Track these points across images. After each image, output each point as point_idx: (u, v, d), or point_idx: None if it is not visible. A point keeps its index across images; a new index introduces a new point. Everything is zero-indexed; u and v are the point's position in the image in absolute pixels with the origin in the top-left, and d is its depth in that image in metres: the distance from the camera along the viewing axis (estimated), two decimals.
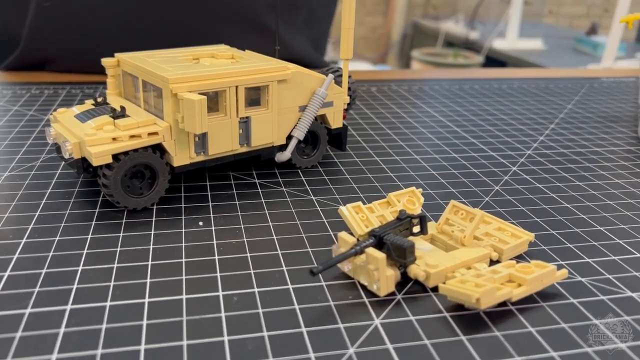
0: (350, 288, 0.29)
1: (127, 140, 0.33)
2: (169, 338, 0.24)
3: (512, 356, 0.24)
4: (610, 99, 0.67)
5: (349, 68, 0.42)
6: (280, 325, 0.26)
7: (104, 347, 0.24)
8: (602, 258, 0.32)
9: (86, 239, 0.32)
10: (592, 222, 0.37)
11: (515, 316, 0.27)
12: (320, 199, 0.38)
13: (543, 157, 0.48)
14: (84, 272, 0.29)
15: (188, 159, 0.36)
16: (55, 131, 0.36)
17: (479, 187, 0.41)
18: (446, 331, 0.26)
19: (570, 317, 0.27)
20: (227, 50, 0.42)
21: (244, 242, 0.32)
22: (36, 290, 0.27)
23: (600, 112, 0.62)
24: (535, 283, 0.28)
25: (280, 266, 0.30)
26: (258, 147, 0.39)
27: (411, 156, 0.47)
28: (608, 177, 0.44)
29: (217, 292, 0.28)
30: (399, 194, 0.35)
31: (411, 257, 0.28)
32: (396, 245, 0.28)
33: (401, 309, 0.27)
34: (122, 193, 0.34)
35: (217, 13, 0.67)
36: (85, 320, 0.25)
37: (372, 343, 0.25)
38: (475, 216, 0.31)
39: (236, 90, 0.36)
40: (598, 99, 0.67)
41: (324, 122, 0.42)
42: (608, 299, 0.28)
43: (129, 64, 0.38)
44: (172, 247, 0.31)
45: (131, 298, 0.27)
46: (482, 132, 0.54)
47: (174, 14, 0.66)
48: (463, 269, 0.29)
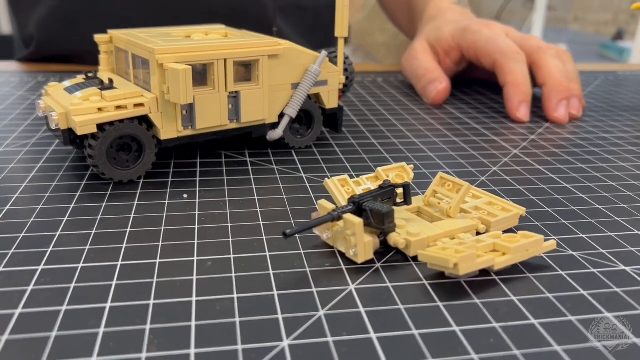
0: (329, 256, 0.28)
1: (113, 110, 0.33)
2: (136, 297, 0.24)
3: (489, 322, 0.23)
4: (624, 91, 0.65)
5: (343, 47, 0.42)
6: (252, 288, 0.25)
7: (70, 304, 0.23)
8: (598, 234, 0.31)
9: (68, 207, 0.32)
10: (591, 200, 0.35)
11: (498, 285, 0.26)
12: (310, 176, 0.37)
13: (547, 142, 0.46)
14: (61, 236, 0.29)
15: (175, 133, 0.36)
16: (44, 104, 0.36)
17: (476, 168, 0.40)
18: (423, 298, 0.25)
19: (557, 288, 0.26)
20: (222, 29, 0.42)
21: (227, 213, 0.32)
22: (11, 252, 0.27)
23: (612, 102, 0.60)
24: (520, 252, 0.27)
25: (260, 235, 0.30)
26: (248, 123, 0.38)
27: (409, 139, 0.46)
28: (612, 161, 0.42)
29: (192, 257, 0.27)
30: (388, 169, 0.34)
31: (390, 223, 0.27)
32: (375, 212, 0.27)
33: (379, 276, 0.26)
34: (108, 164, 0.34)
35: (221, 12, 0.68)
36: (55, 279, 0.25)
37: (343, 306, 0.24)
38: (462, 187, 0.30)
39: (225, 64, 0.35)
40: (612, 90, 0.65)
41: (319, 102, 0.42)
42: (599, 272, 0.27)
43: (121, 40, 0.38)
44: (153, 217, 0.31)
45: (104, 261, 0.27)
46: (486, 118, 0.53)
47: (176, 9, 0.66)
48: (446, 239, 0.28)
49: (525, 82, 0.52)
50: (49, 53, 0.69)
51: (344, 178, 0.32)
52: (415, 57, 0.61)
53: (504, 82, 0.53)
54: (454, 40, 0.59)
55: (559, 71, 0.52)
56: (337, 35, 0.40)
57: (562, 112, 0.51)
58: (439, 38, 0.60)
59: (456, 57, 0.60)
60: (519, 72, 0.52)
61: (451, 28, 0.59)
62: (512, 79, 0.52)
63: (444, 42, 0.59)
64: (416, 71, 0.60)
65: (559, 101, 0.51)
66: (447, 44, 0.59)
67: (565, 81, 0.52)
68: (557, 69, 0.52)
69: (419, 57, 0.60)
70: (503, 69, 0.53)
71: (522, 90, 0.52)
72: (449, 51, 0.60)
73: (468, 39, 0.57)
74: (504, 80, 0.53)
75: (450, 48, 0.59)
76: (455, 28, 0.59)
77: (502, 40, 0.54)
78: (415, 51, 0.61)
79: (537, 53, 0.54)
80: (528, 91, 0.52)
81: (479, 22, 0.59)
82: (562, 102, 0.51)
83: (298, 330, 0.22)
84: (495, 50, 0.54)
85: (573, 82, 0.53)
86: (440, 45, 0.60)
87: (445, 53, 0.60)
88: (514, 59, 0.53)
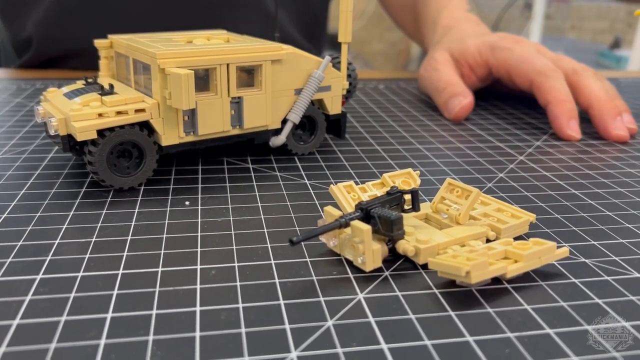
0: (336, 264, 0.27)
1: (113, 116, 0.32)
2: (138, 307, 0.23)
3: (503, 332, 0.23)
4: (626, 97, 0.65)
5: None
6: (258, 297, 0.24)
7: (69, 315, 0.23)
8: (609, 241, 0.30)
9: (68, 215, 0.31)
10: (600, 207, 0.35)
11: (511, 294, 0.25)
12: (314, 183, 0.37)
13: (552, 148, 0.46)
14: (60, 245, 0.28)
15: (177, 139, 0.35)
16: (43, 109, 0.35)
17: (482, 174, 0.39)
18: (434, 307, 0.24)
19: (571, 296, 0.25)
20: (224, 34, 0.42)
21: (230, 221, 0.31)
22: (8, 261, 0.26)
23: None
24: (532, 260, 0.26)
25: (264, 243, 0.29)
26: (251, 129, 0.38)
27: (413, 145, 0.45)
28: (620, 167, 0.42)
29: (195, 265, 0.26)
30: (394, 175, 0.33)
31: (399, 230, 0.26)
32: (383, 218, 0.26)
33: (388, 284, 0.25)
34: (108, 171, 0.33)
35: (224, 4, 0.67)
36: (54, 289, 0.24)
37: (353, 316, 0.23)
38: (471, 193, 0.30)
39: (227, 69, 0.35)
40: None
41: (322, 108, 0.41)
42: (612, 279, 0.27)
43: (121, 45, 0.37)
44: (154, 224, 0.30)
45: (105, 270, 0.26)
46: (490, 125, 0.52)
47: (173, 5, 0.66)
48: (456, 246, 0.27)
49: (569, 99, 0.50)
50: (48, 54, 0.68)
51: (349, 184, 0.32)
52: (436, 69, 0.58)
53: (546, 102, 0.50)
54: (482, 57, 0.56)
55: (602, 91, 0.51)
56: (341, 40, 0.40)
57: (621, 128, 0.48)
58: (463, 52, 0.57)
59: (483, 73, 0.57)
60: (562, 89, 0.50)
61: (477, 43, 0.57)
62: (555, 97, 0.50)
63: (469, 57, 0.57)
64: (437, 83, 0.57)
65: (613, 119, 0.49)
66: (473, 60, 0.57)
67: (611, 100, 0.50)
68: (600, 89, 0.51)
69: (439, 69, 0.58)
70: (543, 88, 0.51)
71: (568, 107, 0.49)
72: (475, 67, 0.57)
73: (498, 57, 0.55)
74: (545, 99, 0.51)
75: (477, 64, 0.57)
76: (482, 43, 0.57)
77: (537, 59, 0.52)
78: (436, 62, 0.59)
79: (574, 75, 0.52)
80: (574, 108, 0.50)
81: (508, 38, 0.56)
82: (617, 118, 0.49)
83: (306, 341, 0.22)
84: (530, 70, 0.52)
85: (617, 99, 0.51)
86: (465, 59, 0.57)
87: (471, 68, 0.57)
88: (554, 77, 0.51)
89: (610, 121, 0.49)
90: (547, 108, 0.51)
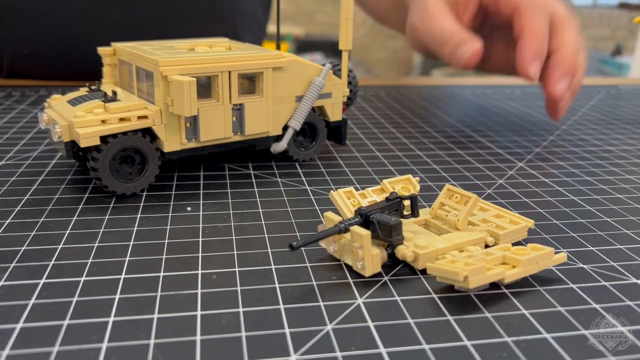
0: (336, 269, 0.27)
1: (116, 123, 0.33)
2: (140, 311, 0.23)
3: (501, 337, 0.23)
4: (626, 104, 0.65)
5: None
6: (258, 302, 0.24)
7: (72, 319, 0.23)
8: (607, 247, 0.30)
9: (71, 220, 0.31)
10: (599, 213, 0.35)
11: (509, 299, 0.25)
12: (315, 189, 0.37)
13: (552, 155, 0.46)
14: (63, 250, 0.28)
15: (179, 145, 0.35)
16: (47, 116, 0.35)
17: (482, 180, 0.40)
18: (433, 311, 0.24)
19: (568, 301, 0.25)
20: (226, 41, 0.42)
21: (231, 226, 0.31)
22: (12, 265, 0.27)
23: (615, 115, 0.60)
24: (531, 265, 0.26)
25: (265, 248, 0.29)
26: (252, 136, 0.38)
27: (413, 152, 0.45)
28: (619, 174, 0.42)
29: (197, 270, 0.27)
30: (394, 181, 0.33)
31: (398, 235, 0.26)
32: (382, 224, 0.26)
33: (387, 289, 0.26)
34: (111, 177, 0.33)
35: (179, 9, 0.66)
36: (57, 293, 0.25)
37: (352, 320, 0.23)
38: (470, 199, 0.30)
39: (229, 76, 0.35)
40: (614, 104, 0.65)
41: (323, 114, 0.42)
42: (610, 285, 0.27)
43: (124, 52, 0.38)
44: (156, 230, 0.31)
45: (107, 274, 0.26)
46: (489, 131, 0.52)
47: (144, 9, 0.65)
48: (455, 251, 0.28)
49: (544, 37, 0.46)
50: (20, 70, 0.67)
51: (349, 190, 0.32)
52: (434, 18, 0.52)
53: (520, 31, 0.47)
54: None
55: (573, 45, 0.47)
56: (341, 48, 0.40)
57: (562, 87, 0.46)
58: None
59: (474, 7, 0.52)
60: (540, 25, 0.46)
61: None
62: (530, 30, 0.46)
63: None
64: (440, 34, 0.51)
65: (561, 75, 0.47)
66: None
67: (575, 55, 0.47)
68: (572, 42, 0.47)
69: (438, 18, 0.52)
70: (524, 17, 0.47)
71: (539, 45, 0.46)
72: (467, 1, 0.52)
73: None
74: (520, 28, 0.47)
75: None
76: None
77: None
78: (432, 12, 0.53)
79: (559, 22, 0.48)
80: (545, 48, 0.46)
81: None
82: (566, 77, 0.47)
83: (306, 345, 0.22)
84: None
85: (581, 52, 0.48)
86: None
87: (464, 4, 0.52)
88: (539, 12, 0.47)
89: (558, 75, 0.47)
90: (519, 39, 0.48)
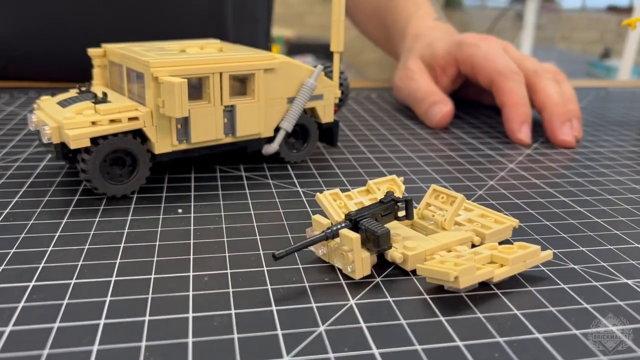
0: (328, 271, 0.27)
1: (107, 124, 0.33)
2: (131, 314, 0.23)
3: (493, 337, 0.23)
4: (616, 106, 0.66)
5: None
6: (250, 304, 0.24)
7: (62, 321, 0.23)
8: (598, 247, 0.31)
9: (61, 223, 0.31)
10: (589, 214, 0.35)
11: (500, 299, 0.25)
12: (306, 190, 0.37)
13: (543, 156, 0.46)
14: (53, 252, 0.28)
15: (170, 147, 0.35)
16: (37, 118, 0.35)
17: (473, 182, 0.40)
18: (424, 312, 0.24)
19: (559, 301, 0.25)
20: (217, 43, 0.42)
21: (222, 228, 0.31)
22: (1, 268, 0.26)
23: (605, 117, 0.60)
24: (518, 263, 0.26)
25: (257, 250, 0.29)
26: (244, 138, 0.38)
27: (404, 153, 0.45)
28: (608, 175, 0.42)
29: (188, 272, 0.27)
30: (379, 182, 0.33)
31: (385, 245, 0.26)
32: (370, 232, 0.26)
33: (379, 290, 0.26)
34: (101, 179, 0.33)
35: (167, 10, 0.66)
36: (48, 296, 0.24)
37: (344, 322, 0.23)
38: (456, 199, 0.30)
39: (220, 78, 0.35)
40: (604, 106, 0.66)
41: (314, 116, 0.42)
42: (601, 285, 0.27)
43: (115, 53, 0.38)
44: (147, 232, 0.30)
45: (98, 277, 0.26)
46: (481, 133, 0.53)
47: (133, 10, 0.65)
48: (443, 252, 0.28)
49: (525, 103, 0.50)
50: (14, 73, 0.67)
51: (335, 192, 0.32)
52: (412, 78, 0.58)
53: (502, 103, 0.51)
54: (450, 55, 0.56)
55: (557, 94, 0.51)
56: (333, 49, 0.40)
57: (568, 134, 0.49)
58: (433, 55, 0.58)
59: (453, 73, 0.57)
60: (518, 92, 0.51)
61: (445, 43, 0.57)
62: (511, 100, 0.50)
63: (439, 59, 0.57)
64: (415, 94, 0.57)
65: (562, 124, 0.50)
66: (443, 60, 0.57)
67: (564, 104, 0.51)
68: (555, 92, 0.51)
69: (415, 78, 0.58)
70: (501, 89, 0.51)
71: (523, 111, 0.50)
72: (445, 67, 0.57)
73: (464, 52, 0.55)
74: (501, 100, 0.51)
75: (447, 64, 0.56)
76: (450, 43, 0.57)
77: (501, 58, 0.52)
78: (411, 71, 0.59)
79: (534, 76, 0.52)
80: (528, 112, 0.50)
81: (475, 35, 0.57)
82: (566, 124, 0.50)
83: (298, 346, 0.22)
84: (492, 69, 0.52)
85: (571, 103, 0.52)
86: (436, 61, 0.57)
87: (442, 70, 0.57)
88: (513, 79, 0.51)
89: (559, 125, 0.50)
90: (503, 110, 0.51)
